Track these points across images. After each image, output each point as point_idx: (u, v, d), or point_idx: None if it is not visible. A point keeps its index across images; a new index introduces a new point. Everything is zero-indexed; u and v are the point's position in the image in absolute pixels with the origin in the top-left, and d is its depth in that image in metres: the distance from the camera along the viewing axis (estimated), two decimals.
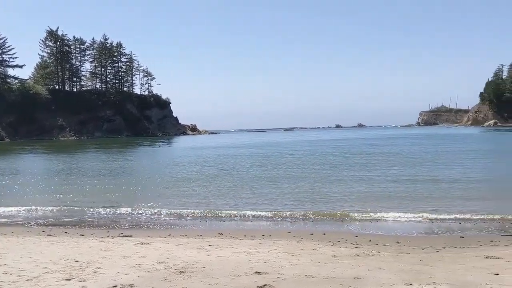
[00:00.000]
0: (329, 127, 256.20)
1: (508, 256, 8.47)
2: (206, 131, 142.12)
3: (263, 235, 11.42)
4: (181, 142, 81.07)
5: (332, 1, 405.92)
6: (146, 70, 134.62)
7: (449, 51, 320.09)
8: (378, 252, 9.12)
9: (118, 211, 15.35)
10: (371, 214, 13.93)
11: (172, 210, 15.26)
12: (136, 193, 19.44)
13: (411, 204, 15.33)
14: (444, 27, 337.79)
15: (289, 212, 14.49)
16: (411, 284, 6.33)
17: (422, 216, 13.46)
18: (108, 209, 15.66)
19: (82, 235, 11.58)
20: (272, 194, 18.15)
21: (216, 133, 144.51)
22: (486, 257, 8.36)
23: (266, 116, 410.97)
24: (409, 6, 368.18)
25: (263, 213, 14.45)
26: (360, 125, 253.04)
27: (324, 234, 11.54)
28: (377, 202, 15.89)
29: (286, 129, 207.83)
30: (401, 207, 14.87)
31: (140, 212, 15.20)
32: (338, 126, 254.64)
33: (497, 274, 6.89)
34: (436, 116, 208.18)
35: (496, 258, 8.28)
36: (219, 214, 14.62)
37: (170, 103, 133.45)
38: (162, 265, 7.59)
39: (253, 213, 14.54)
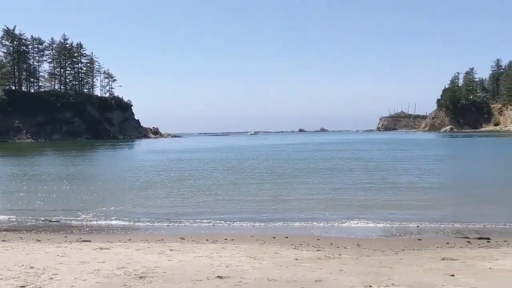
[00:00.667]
0: (292, 131, 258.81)
1: (463, 257, 8.75)
2: (168, 134, 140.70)
3: (226, 239, 11.37)
4: (143, 145, 79.87)
5: (295, 6, 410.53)
6: (107, 71, 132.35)
7: (409, 58, 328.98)
8: (339, 254, 9.24)
9: (76, 216, 14.93)
10: (333, 217, 14.12)
11: (132, 215, 14.99)
12: (95, 198, 18.99)
13: (371, 207, 15.63)
14: (404, 35, 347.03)
15: (252, 216, 14.52)
16: (370, 286, 6.43)
17: (382, 219, 13.74)
18: (66, 214, 15.21)
19: (38, 241, 11.20)
20: (234, 198, 18.12)
21: (178, 136, 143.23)
22: (442, 259, 8.61)
23: (230, 119, 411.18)
24: (369, 15, 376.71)
25: (226, 218, 14.40)
26: (323, 130, 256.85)
27: (287, 237, 11.60)
28: (339, 205, 16.14)
29: (252, 133, 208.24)
30: (361, 210, 15.14)
31: (99, 216, 14.85)
32: (301, 131, 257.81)
33: (453, 275, 7.10)
34: (396, 122, 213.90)
35: (451, 259, 8.53)
36: (181, 218, 14.46)
37: (132, 105, 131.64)
38: (122, 270, 7.42)
39: (216, 217, 14.47)
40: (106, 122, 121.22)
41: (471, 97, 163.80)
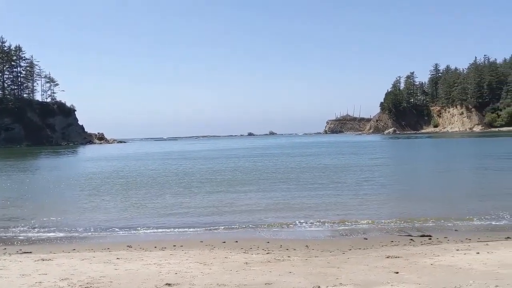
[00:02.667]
0: (241, 135, 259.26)
1: (406, 255, 9.08)
2: (114, 140, 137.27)
3: (175, 245, 11.20)
4: (87, 152, 77.47)
5: (238, 12, 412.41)
6: (48, 75, 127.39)
7: (354, 62, 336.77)
8: (289, 256, 9.33)
9: (16, 227, 14.21)
10: (283, 219, 14.26)
11: (77, 224, 14.46)
12: (36, 208, 18.18)
13: (319, 209, 15.92)
14: (349, 38, 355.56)
15: (201, 222, 14.42)
16: (319, 287, 6.55)
17: (330, 220, 14.02)
18: (5, 226, 14.45)
19: None
20: (183, 204, 17.92)
21: (124, 142, 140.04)
22: (387, 257, 8.88)
23: (177, 124, 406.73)
24: (315, 20, 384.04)
25: (174, 223, 14.21)
26: (272, 133, 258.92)
27: (237, 241, 11.59)
28: (288, 208, 16.32)
29: (197, 137, 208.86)
30: (310, 212, 15.39)
31: (41, 227, 14.20)
32: (250, 134, 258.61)
33: (397, 273, 7.34)
34: (342, 125, 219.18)
35: (395, 257, 8.83)
36: (128, 226, 14.10)
37: (75, 110, 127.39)
38: (65, 281, 7.14)
39: (164, 223, 14.25)
40: (48, 128, 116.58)
41: (412, 100, 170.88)
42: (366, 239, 11.69)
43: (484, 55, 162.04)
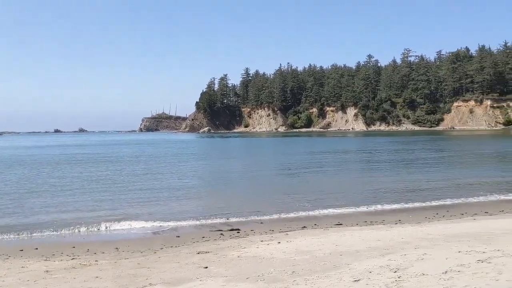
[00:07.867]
0: (46, 131, 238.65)
1: (216, 249, 9.39)
2: None
3: None
4: None
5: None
6: None
7: (169, 60, 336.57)
8: (96, 261, 8.82)
9: None
10: (91, 222, 13.46)
11: None
12: None
13: (132, 210, 15.47)
14: (167, 38, 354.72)
15: None
16: None
17: (143, 219, 13.72)
18: None
19: None
20: None
21: None
22: (198, 253, 9.06)
23: None
24: (138, 20, 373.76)
25: None
26: (82, 130, 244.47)
27: (37, 248, 10.51)
28: (97, 210, 15.49)
29: None
30: (122, 212, 14.83)
31: None
32: (57, 131, 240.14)
33: (206, 267, 7.53)
34: (158, 123, 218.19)
35: (206, 252, 9.05)
36: None
37: None
38: None
39: None
40: None
41: (226, 101, 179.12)
42: (179, 236, 11.74)
43: (288, 63, 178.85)
